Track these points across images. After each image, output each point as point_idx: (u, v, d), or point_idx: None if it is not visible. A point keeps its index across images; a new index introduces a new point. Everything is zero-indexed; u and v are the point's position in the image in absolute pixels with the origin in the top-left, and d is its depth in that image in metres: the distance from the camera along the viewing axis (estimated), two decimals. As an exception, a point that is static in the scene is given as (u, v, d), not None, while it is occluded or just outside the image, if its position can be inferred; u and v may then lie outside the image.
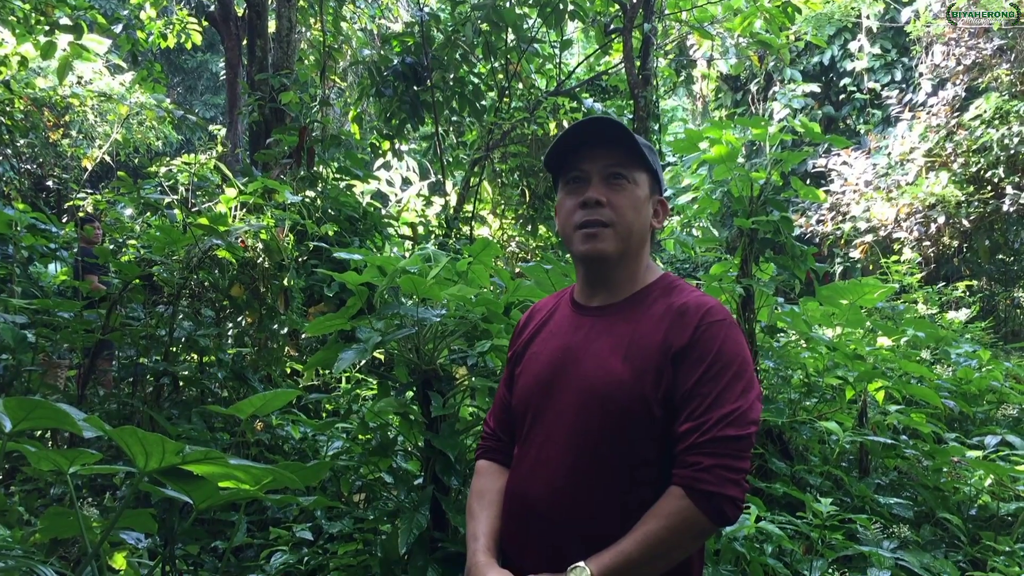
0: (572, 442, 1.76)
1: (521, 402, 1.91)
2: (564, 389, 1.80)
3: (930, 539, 3.60)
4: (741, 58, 10.85)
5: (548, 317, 1.99)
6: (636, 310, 1.81)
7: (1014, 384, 5.61)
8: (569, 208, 1.85)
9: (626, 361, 1.73)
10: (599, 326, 1.84)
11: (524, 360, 1.96)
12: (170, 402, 4.16)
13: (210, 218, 4.25)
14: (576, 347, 1.83)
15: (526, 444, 1.87)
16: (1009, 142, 11.62)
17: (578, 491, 1.74)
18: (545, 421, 1.83)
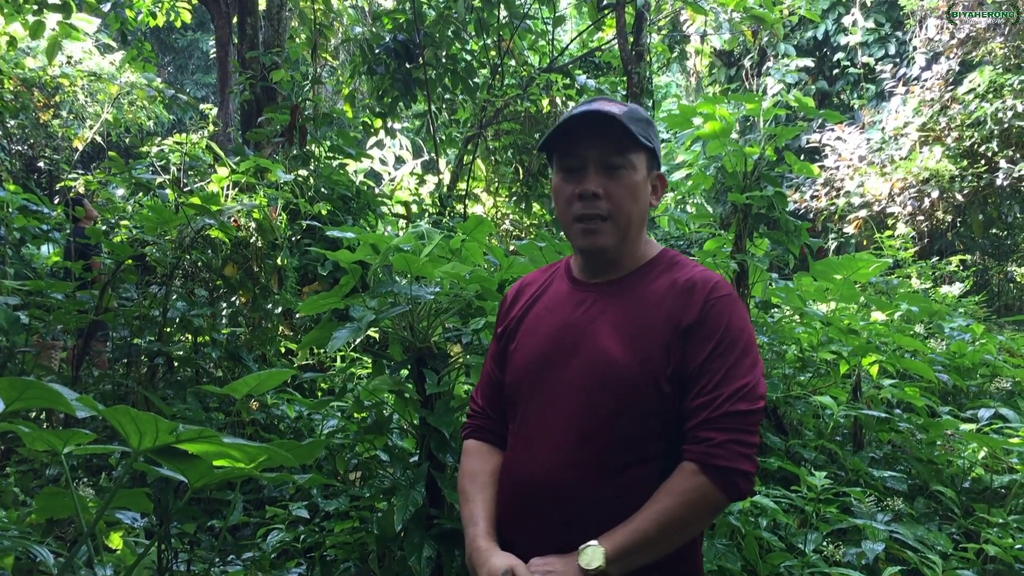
0: (577, 419, 1.73)
1: (517, 379, 1.86)
2: (565, 366, 1.77)
3: (924, 512, 3.62)
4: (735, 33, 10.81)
5: (541, 291, 1.93)
6: (638, 286, 1.80)
7: (1007, 358, 5.64)
8: (567, 196, 1.80)
9: (634, 338, 1.72)
10: (602, 303, 1.80)
11: (519, 335, 1.90)
12: (165, 382, 4.15)
13: (202, 197, 4.22)
14: (578, 323, 1.79)
15: (524, 422, 1.82)
16: (1003, 116, 11.62)
17: (584, 469, 1.71)
18: (545, 398, 1.78)
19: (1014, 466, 3.80)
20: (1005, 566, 3.22)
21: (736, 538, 2.95)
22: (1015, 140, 12.05)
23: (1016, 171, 11.74)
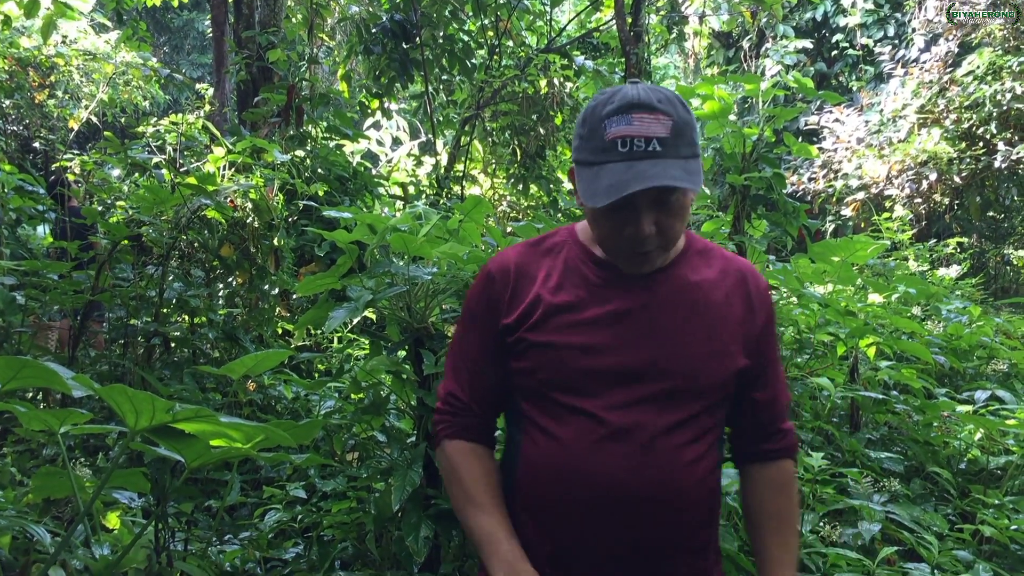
0: (672, 424, 1.63)
1: (566, 372, 1.64)
2: (633, 364, 1.63)
3: (920, 492, 3.64)
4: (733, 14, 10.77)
5: (561, 275, 1.71)
6: (686, 274, 1.72)
7: (1004, 340, 5.64)
8: (613, 229, 1.61)
9: (713, 333, 1.69)
10: (660, 293, 1.68)
11: (554, 324, 1.66)
12: (161, 363, 4.15)
13: (198, 178, 4.21)
14: (640, 312, 1.66)
15: (585, 418, 1.63)
16: (1001, 98, 11.58)
17: (667, 464, 1.62)
18: (618, 399, 1.62)
19: (1010, 447, 3.81)
20: (1001, 547, 3.23)
21: (734, 518, 2.96)
22: (1014, 122, 12.02)
23: (1014, 154, 11.72)
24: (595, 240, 1.71)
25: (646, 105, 1.54)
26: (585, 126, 1.60)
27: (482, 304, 1.77)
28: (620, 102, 1.55)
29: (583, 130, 1.61)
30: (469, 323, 1.80)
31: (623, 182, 1.51)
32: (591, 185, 1.55)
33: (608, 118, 1.55)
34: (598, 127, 1.56)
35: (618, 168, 1.52)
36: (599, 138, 1.55)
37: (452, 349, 1.84)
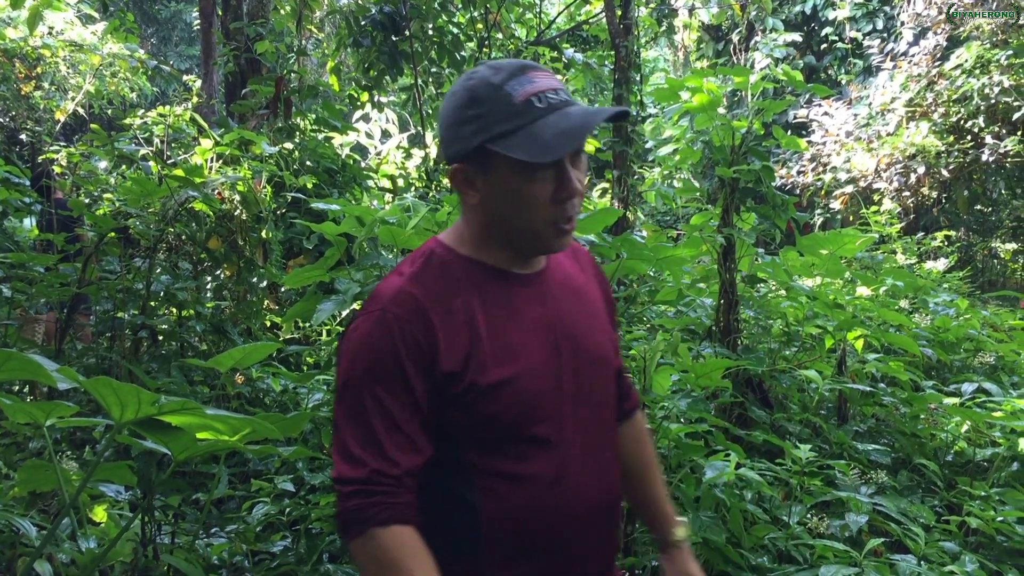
0: (603, 420, 1.67)
1: (525, 404, 1.53)
2: (573, 370, 1.60)
3: (907, 484, 3.65)
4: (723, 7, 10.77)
5: (476, 302, 1.56)
6: (558, 262, 1.71)
7: (991, 332, 5.67)
8: (540, 200, 1.52)
9: (599, 319, 1.74)
10: (554, 291, 1.65)
11: (491, 361, 1.52)
12: (149, 356, 4.13)
13: (186, 170, 4.19)
14: (553, 322, 1.61)
15: (547, 447, 1.54)
16: (989, 92, 11.62)
17: (611, 463, 1.69)
18: (567, 411, 1.58)
19: (996, 440, 3.83)
20: (987, 538, 3.25)
21: (721, 511, 2.97)
22: (1001, 116, 12.06)
23: (1002, 147, 11.77)
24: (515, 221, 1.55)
25: (531, 65, 1.54)
26: (476, 107, 1.50)
27: (397, 354, 1.48)
28: (509, 69, 1.52)
29: (477, 110, 1.50)
30: (381, 381, 1.48)
31: (574, 127, 1.47)
32: (531, 145, 1.46)
33: (506, 84, 1.50)
34: (498, 97, 1.49)
35: (552, 119, 1.48)
36: (505, 105, 1.48)
37: (364, 419, 1.48)
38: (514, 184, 1.50)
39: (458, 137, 1.52)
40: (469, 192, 1.56)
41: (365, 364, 1.49)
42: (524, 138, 1.47)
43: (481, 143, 1.49)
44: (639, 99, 8.22)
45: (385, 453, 1.46)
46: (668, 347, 3.24)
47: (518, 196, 1.51)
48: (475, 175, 1.54)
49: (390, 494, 1.45)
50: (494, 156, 1.49)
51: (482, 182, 1.53)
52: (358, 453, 1.46)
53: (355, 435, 1.48)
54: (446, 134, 1.56)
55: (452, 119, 1.54)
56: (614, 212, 3.73)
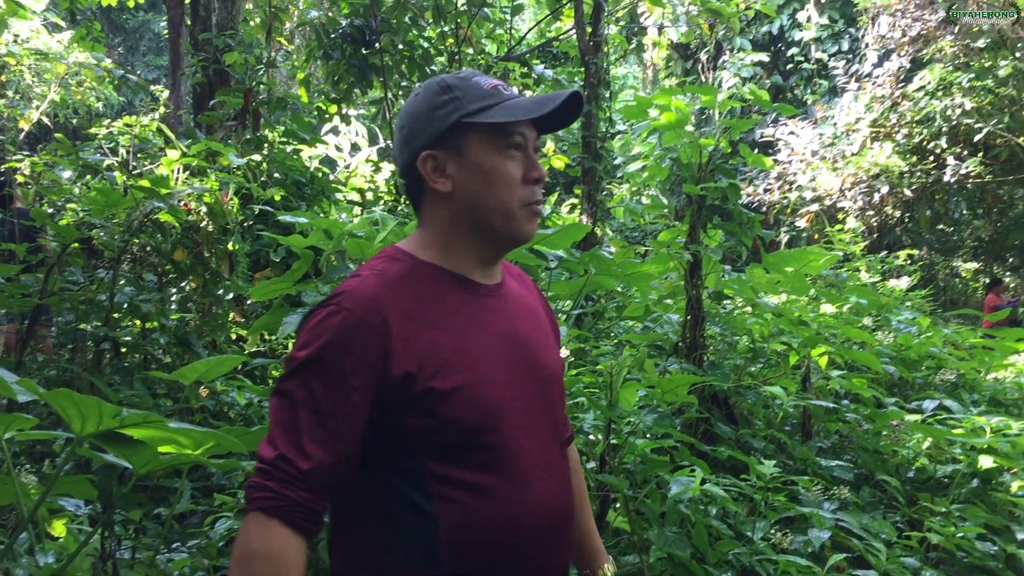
0: (558, 437, 1.69)
1: (487, 411, 1.53)
2: (532, 384, 1.62)
3: (869, 500, 3.69)
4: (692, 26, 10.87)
5: (437, 308, 1.56)
6: (511, 282, 1.75)
7: (952, 350, 5.75)
8: (514, 178, 1.58)
9: (549, 340, 1.76)
10: (512, 305, 1.68)
11: (459, 365, 1.52)
12: (111, 368, 4.08)
13: (152, 180, 4.15)
14: (512, 333, 1.63)
15: (508, 458, 1.54)
16: (951, 113, 11.84)
17: (566, 476, 1.71)
18: (527, 424, 1.59)
19: (957, 456, 3.88)
20: (947, 554, 3.29)
21: (686, 526, 2.98)
22: (963, 137, 12.29)
23: (963, 168, 11.98)
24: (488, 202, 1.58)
25: (480, 73, 1.64)
26: (450, 92, 1.59)
27: (353, 352, 1.47)
28: (467, 74, 1.62)
29: (452, 94, 1.59)
30: (329, 376, 1.47)
31: (543, 98, 1.58)
32: (508, 112, 1.56)
33: (472, 79, 1.61)
34: (469, 84, 1.59)
35: (520, 99, 1.59)
36: (477, 89, 1.59)
37: (289, 407, 1.48)
38: (488, 160, 1.57)
39: (431, 122, 1.58)
40: (439, 180, 1.58)
41: (309, 355, 1.48)
42: (500, 110, 1.56)
43: (458, 119, 1.56)
44: (608, 116, 8.27)
45: (299, 444, 1.44)
46: (635, 362, 3.26)
47: (494, 173, 1.57)
48: (447, 159, 1.58)
49: (287, 485, 1.42)
50: (469, 134, 1.57)
51: (454, 165, 1.58)
52: (276, 436, 1.46)
53: (280, 420, 1.47)
54: (414, 126, 1.60)
55: (423, 108, 1.60)
56: (583, 227, 3.75)
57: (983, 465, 3.66)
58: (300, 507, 1.43)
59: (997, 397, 5.34)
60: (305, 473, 1.43)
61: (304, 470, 1.43)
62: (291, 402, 1.47)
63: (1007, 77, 11.48)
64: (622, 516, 3.04)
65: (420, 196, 1.63)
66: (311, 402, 1.46)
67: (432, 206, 1.62)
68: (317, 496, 1.45)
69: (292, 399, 1.47)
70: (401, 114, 1.66)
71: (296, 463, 1.43)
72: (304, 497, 1.43)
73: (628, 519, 2.98)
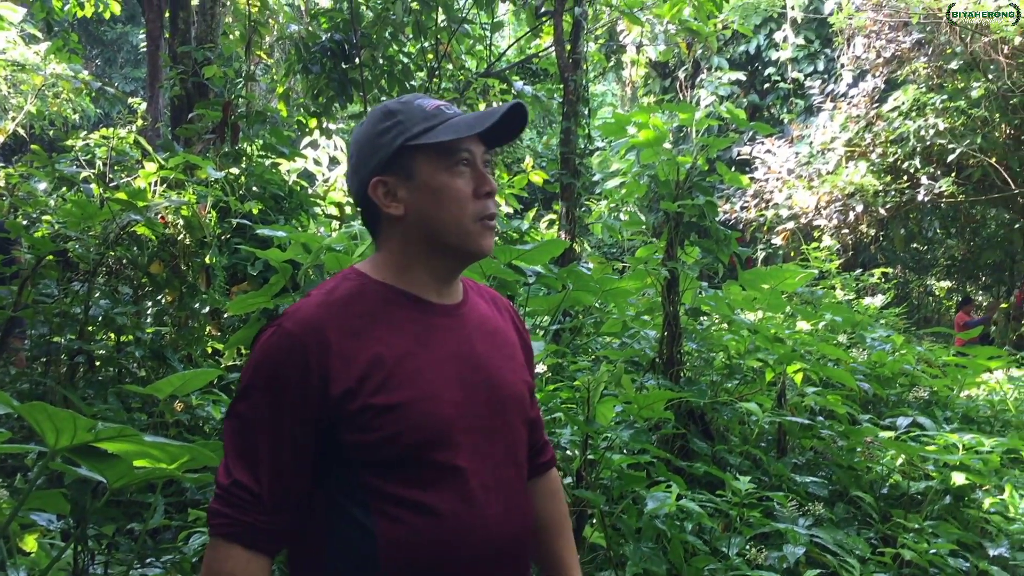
0: (515, 460, 1.67)
1: (428, 429, 1.51)
2: (485, 404, 1.61)
3: (843, 517, 3.71)
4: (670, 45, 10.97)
5: (384, 326, 1.56)
6: (476, 303, 1.74)
7: (925, 368, 5.80)
8: (465, 194, 1.59)
9: (514, 362, 1.73)
10: (469, 325, 1.67)
11: (401, 381, 1.52)
12: (85, 382, 4.05)
13: (129, 193, 4.13)
14: (467, 353, 1.62)
15: (452, 476, 1.53)
16: (925, 134, 11.98)
17: (522, 500, 1.67)
18: (477, 443, 1.57)
19: (930, 473, 3.91)
20: (920, 570, 3.31)
21: (662, 541, 2.98)
22: (936, 157, 12.44)
23: (937, 187, 12.12)
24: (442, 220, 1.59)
25: (422, 96, 1.66)
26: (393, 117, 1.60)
27: (293, 372, 1.48)
28: (408, 98, 1.64)
29: (394, 119, 1.60)
30: (272, 396, 1.49)
31: (486, 112, 1.60)
32: (452, 131, 1.57)
33: (414, 101, 1.62)
34: (412, 108, 1.61)
35: (463, 116, 1.60)
36: (420, 111, 1.60)
37: (239, 430, 1.51)
38: (437, 180, 1.58)
39: (377, 148, 1.59)
40: (391, 205, 1.59)
41: (253, 376, 1.51)
42: (443, 129, 1.57)
43: (403, 143, 1.57)
44: (587, 133, 8.31)
45: (252, 467, 1.47)
46: (612, 378, 3.27)
47: (444, 192, 1.58)
48: (397, 184, 1.59)
49: (244, 510, 1.46)
50: (416, 156, 1.58)
51: (405, 189, 1.59)
52: (230, 461, 1.49)
53: (233, 444, 1.50)
54: (362, 153, 1.62)
55: (368, 135, 1.62)
56: (561, 243, 3.76)
57: (955, 482, 3.70)
58: (258, 530, 1.46)
59: (969, 414, 5.40)
60: (259, 496, 1.47)
61: (258, 493, 1.47)
62: (240, 424, 1.51)
63: (980, 98, 11.64)
64: (598, 531, 3.05)
65: (375, 221, 1.64)
66: (259, 423, 1.49)
67: (387, 230, 1.63)
68: (275, 516, 1.48)
69: (241, 421, 1.51)
70: (350, 143, 1.68)
71: (250, 487, 1.47)
72: (262, 520, 1.47)
73: (604, 534, 2.98)
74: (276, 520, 1.48)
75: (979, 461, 3.73)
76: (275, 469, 1.48)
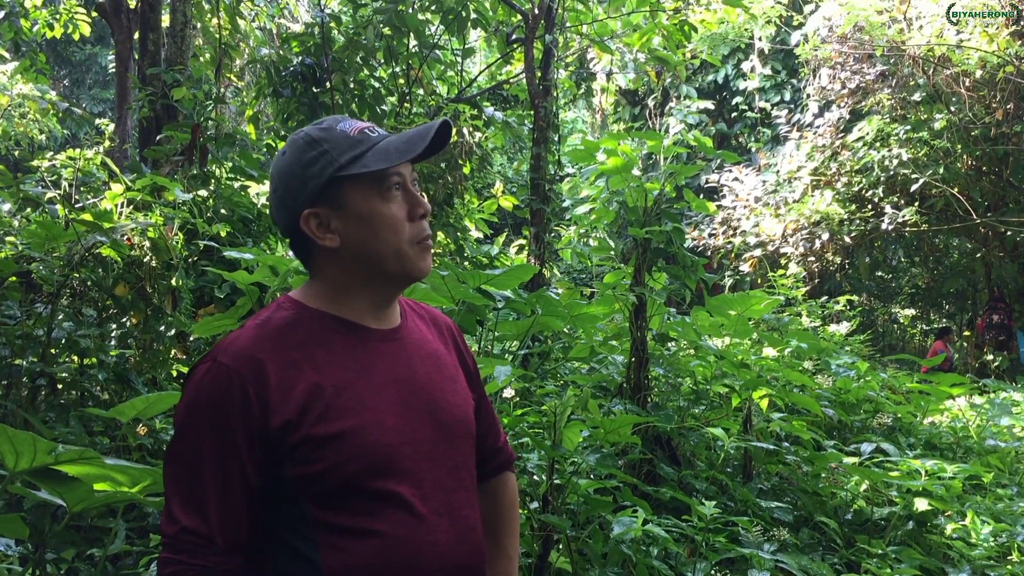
0: (462, 483, 1.63)
1: (370, 457, 1.49)
2: (428, 428, 1.58)
3: (808, 542, 3.73)
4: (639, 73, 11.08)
5: (321, 354, 1.54)
6: (415, 326, 1.72)
7: (889, 394, 5.87)
8: (399, 217, 1.57)
9: (456, 383, 1.71)
10: (409, 349, 1.65)
11: (341, 410, 1.49)
12: (47, 405, 3.99)
13: (94, 214, 4.09)
14: (407, 377, 1.60)
15: (397, 504, 1.50)
16: (889, 163, 12.19)
17: (472, 524, 1.63)
18: (422, 469, 1.55)
19: (894, 499, 3.95)
20: (883, 595, 3.33)
21: (628, 566, 2.98)
22: (900, 187, 12.65)
23: (900, 216, 12.31)
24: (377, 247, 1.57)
25: (344, 116, 1.63)
26: (318, 147, 1.56)
27: (233, 406, 1.45)
28: (329, 123, 1.60)
29: (320, 148, 1.56)
30: (214, 433, 1.46)
31: (415, 135, 1.57)
32: (381, 158, 1.54)
33: (336, 126, 1.58)
34: (335, 135, 1.57)
35: (390, 139, 1.57)
36: (345, 138, 1.56)
37: (181, 471, 1.47)
38: (371, 208, 1.55)
39: (305, 180, 1.55)
40: (326, 237, 1.56)
41: (192, 415, 1.47)
42: (372, 156, 1.54)
43: (332, 175, 1.53)
44: (557, 159, 8.37)
45: (199, 509, 1.43)
46: (578, 402, 3.28)
47: (379, 219, 1.55)
48: (329, 215, 1.55)
49: (195, 553, 1.42)
50: (347, 186, 1.54)
51: (338, 219, 1.55)
52: (174, 507, 1.44)
53: (176, 489, 1.46)
54: (289, 186, 1.57)
55: (294, 168, 1.57)
56: (530, 268, 3.78)
57: (918, 508, 3.74)
58: (214, 572, 1.43)
59: (932, 441, 5.46)
60: (210, 537, 1.43)
61: (208, 535, 1.43)
62: (181, 466, 1.47)
63: (942, 130, 11.86)
64: (564, 556, 3.04)
65: (308, 253, 1.60)
66: (203, 462, 1.45)
67: (322, 260, 1.60)
68: (229, 557, 1.45)
69: (182, 463, 1.47)
70: (272, 175, 1.63)
71: (199, 530, 1.42)
72: (216, 561, 1.43)
73: (570, 559, 2.98)
74: (231, 561, 1.45)
75: (942, 487, 3.77)
76: (224, 508, 1.44)
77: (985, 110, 11.64)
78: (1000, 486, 4.62)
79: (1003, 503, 4.25)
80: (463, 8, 8.89)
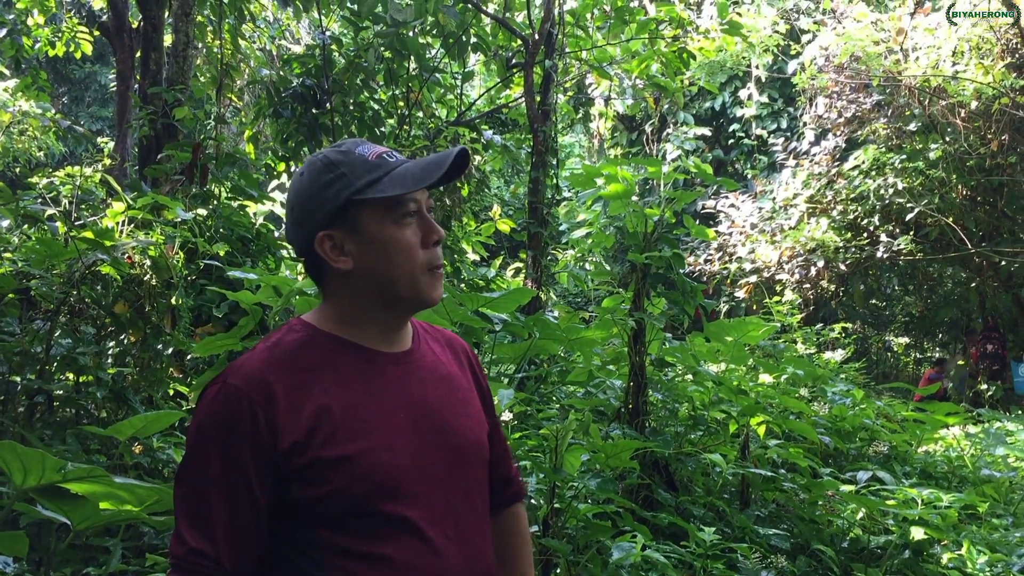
0: (473, 506, 1.62)
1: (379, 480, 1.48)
2: (439, 452, 1.57)
3: (805, 570, 3.73)
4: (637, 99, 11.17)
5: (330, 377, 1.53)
6: (428, 348, 1.71)
7: (884, 422, 5.88)
8: (413, 243, 1.57)
9: (470, 407, 1.70)
10: (421, 372, 1.64)
11: (350, 432, 1.49)
12: (43, 422, 3.98)
13: (95, 232, 4.10)
14: (418, 401, 1.59)
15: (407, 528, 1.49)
16: (884, 192, 12.25)
17: (484, 548, 1.63)
18: (432, 493, 1.54)
19: (890, 527, 3.95)
20: (880, 624, 3.33)
21: (625, 593, 2.98)
22: (895, 216, 12.71)
23: (895, 245, 12.37)
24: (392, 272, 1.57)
25: (363, 140, 1.62)
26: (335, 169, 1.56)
27: (242, 429, 1.45)
28: (347, 143, 1.61)
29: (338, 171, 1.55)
30: (223, 455, 1.46)
31: (432, 162, 1.56)
32: (398, 184, 1.54)
33: (355, 149, 1.58)
34: (353, 158, 1.56)
35: (407, 165, 1.57)
36: (363, 162, 1.56)
37: (190, 493, 1.47)
38: (385, 233, 1.55)
39: (322, 202, 1.55)
40: (339, 259, 1.55)
41: (202, 437, 1.47)
42: (388, 182, 1.54)
43: (348, 198, 1.53)
44: (555, 183, 8.41)
45: (208, 531, 1.43)
46: (580, 427, 3.28)
47: (393, 245, 1.55)
48: (344, 238, 1.55)
49: (201, 575, 1.42)
50: (362, 210, 1.54)
51: (352, 242, 1.55)
52: (182, 528, 1.45)
53: (185, 510, 1.46)
54: (306, 207, 1.57)
55: (311, 189, 1.56)
56: (528, 292, 3.80)
57: (915, 536, 3.73)
58: None
59: (928, 469, 5.47)
60: (219, 559, 1.43)
61: (215, 556, 1.43)
62: (190, 488, 1.47)
63: (937, 160, 11.94)
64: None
65: (321, 274, 1.60)
66: (212, 483, 1.45)
67: (335, 282, 1.59)
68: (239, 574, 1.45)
69: (191, 485, 1.47)
70: (288, 195, 1.62)
71: (207, 552, 1.42)
72: None
73: (569, 585, 2.97)
74: None
75: (937, 516, 3.77)
76: (231, 530, 1.44)
77: (980, 141, 11.72)
78: (995, 516, 4.63)
79: (998, 533, 4.26)
80: (464, 32, 8.96)
